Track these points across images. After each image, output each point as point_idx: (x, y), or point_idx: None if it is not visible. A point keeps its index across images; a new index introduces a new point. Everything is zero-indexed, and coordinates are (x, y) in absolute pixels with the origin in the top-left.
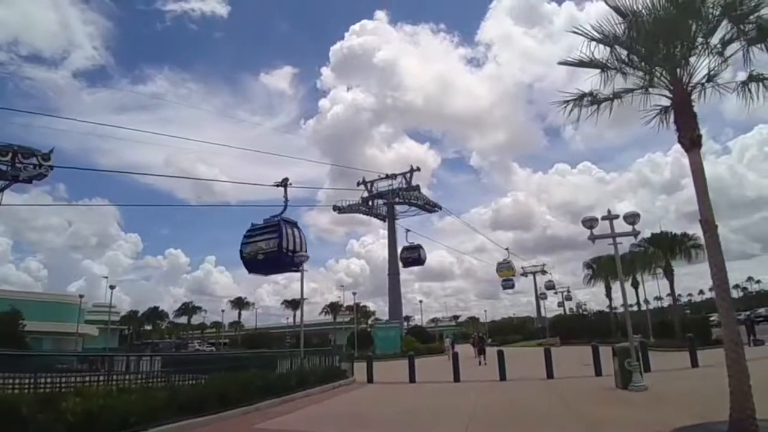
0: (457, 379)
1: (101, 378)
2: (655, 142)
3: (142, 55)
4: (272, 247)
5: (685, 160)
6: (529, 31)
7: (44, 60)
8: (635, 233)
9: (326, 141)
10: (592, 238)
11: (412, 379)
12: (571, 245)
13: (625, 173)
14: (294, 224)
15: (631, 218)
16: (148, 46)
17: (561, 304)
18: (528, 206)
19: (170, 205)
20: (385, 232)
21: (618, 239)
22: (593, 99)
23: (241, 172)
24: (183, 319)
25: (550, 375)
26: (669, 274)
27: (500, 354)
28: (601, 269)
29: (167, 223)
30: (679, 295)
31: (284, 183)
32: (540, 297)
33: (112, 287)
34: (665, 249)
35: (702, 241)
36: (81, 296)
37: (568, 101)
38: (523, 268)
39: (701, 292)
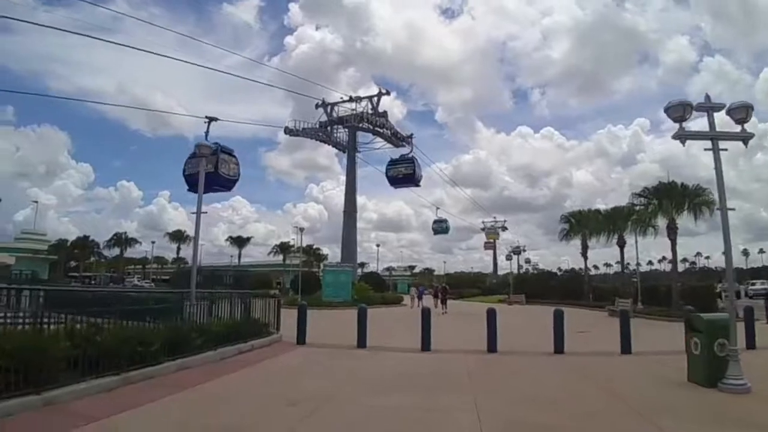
0: (426, 346)
1: None
2: (618, 116)
3: None
4: (409, 171)
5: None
6: None
7: None
8: (747, 136)
9: (290, 80)
10: (682, 135)
11: (361, 343)
12: (526, 207)
13: (585, 142)
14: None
15: (743, 112)
16: None
17: (509, 258)
18: (488, 166)
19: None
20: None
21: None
22: None
23: (201, 106)
24: (116, 251)
25: (558, 349)
26: (672, 233)
27: (491, 315)
28: (582, 223)
29: (120, 154)
30: (638, 263)
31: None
32: (486, 246)
33: None
34: (676, 202)
35: (714, 197)
36: None
37: None
38: (483, 222)
39: (650, 262)
